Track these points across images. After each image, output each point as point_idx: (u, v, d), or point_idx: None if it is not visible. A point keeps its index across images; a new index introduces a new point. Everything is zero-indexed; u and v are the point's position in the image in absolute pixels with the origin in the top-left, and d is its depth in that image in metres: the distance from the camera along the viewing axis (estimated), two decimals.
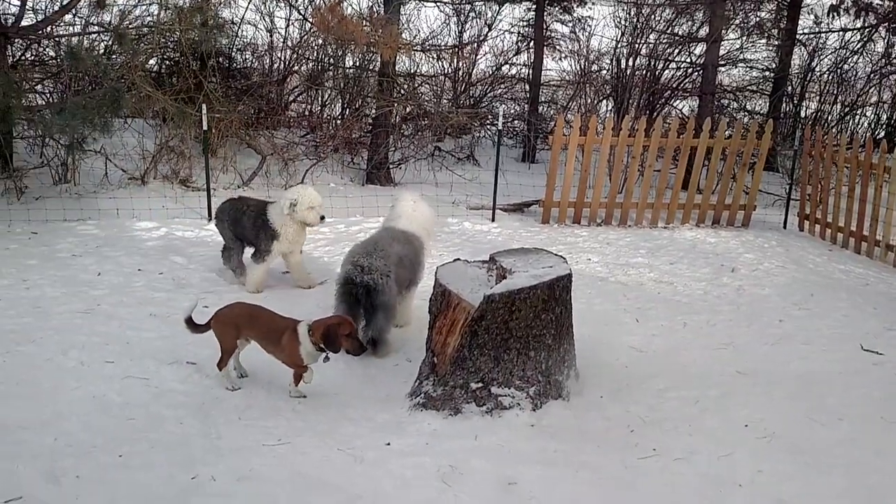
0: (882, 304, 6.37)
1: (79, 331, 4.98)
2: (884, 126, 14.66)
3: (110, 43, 9.73)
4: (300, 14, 11.88)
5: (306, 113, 12.90)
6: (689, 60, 13.16)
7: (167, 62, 11.46)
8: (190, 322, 4.27)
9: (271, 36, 12.61)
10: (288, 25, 12.47)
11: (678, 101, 14.18)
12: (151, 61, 10.92)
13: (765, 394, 4.48)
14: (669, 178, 9.32)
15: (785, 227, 9.36)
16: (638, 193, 9.04)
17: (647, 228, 8.94)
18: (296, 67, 12.68)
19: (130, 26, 9.52)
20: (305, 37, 12.25)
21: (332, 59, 12.45)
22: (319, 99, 12.98)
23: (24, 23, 8.62)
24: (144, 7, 10.14)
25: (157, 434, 3.72)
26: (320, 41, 12.08)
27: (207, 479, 3.33)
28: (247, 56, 12.75)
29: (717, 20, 11.50)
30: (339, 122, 12.26)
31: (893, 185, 7.80)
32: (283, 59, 12.62)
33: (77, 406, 3.96)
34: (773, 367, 4.95)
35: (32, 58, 9.78)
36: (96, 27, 9.62)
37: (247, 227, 6.06)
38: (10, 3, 8.90)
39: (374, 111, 11.32)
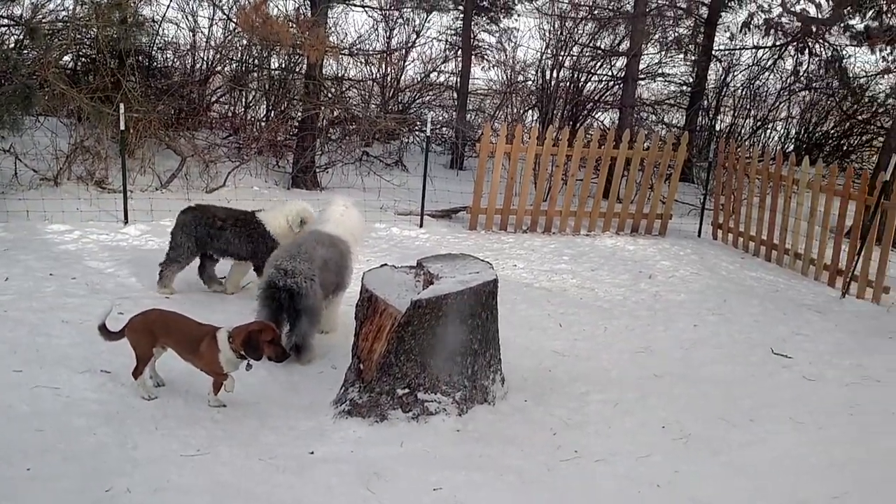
0: (791, 309, 6.69)
1: None
2: (793, 140, 15.47)
3: (21, 37, 9.26)
4: (224, 14, 11.63)
5: (229, 114, 12.61)
6: (610, 73, 13.54)
7: (83, 59, 10.99)
8: (104, 329, 4.10)
9: (194, 35, 12.28)
10: (211, 25, 12.18)
11: (600, 113, 14.55)
12: (66, 58, 10.46)
13: (681, 396, 4.64)
14: (591, 188, 9.55)
15: (699, 236, 9.72)
16: (562, 202, 9.23)
17: (570, 235, 9.14)
18: (219, 68, 12.39)
19: (44, 21, 9.09)
20: (229, 37, 11.99)
21: (256, 60, 12.23)
22: (243, 100, 12.72)
23: None
24: (59, 2, 9.72)
25: (68, 445, 3.55)
26: (245, 41, 11.85)
27: (122, 492, 3.21)
28: (168, 55, 12.38)
29: (637, 35, 11.87)
30: (263, 124, 12.04)
31: (801, 196, 8.22)
32: (205, 58, 12.30)
33: None
34: (689, 370, 5.14)
35: None
36: (6, 20, 9.15)
37: (233, 241, 5.81)
38: None
39: (300, 114, 11.17)
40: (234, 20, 10.88)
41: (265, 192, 9.95)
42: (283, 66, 12.18)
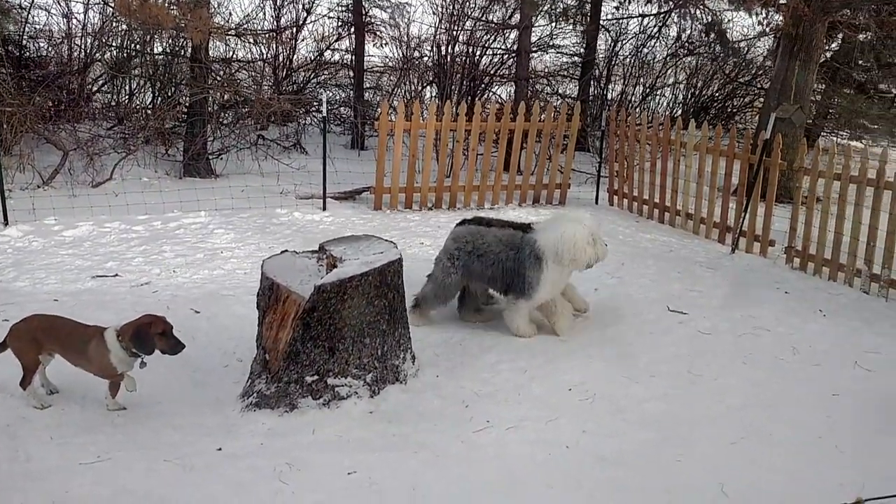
0: (684, 268, 7.00)
1: None
2: (680, 104, 16.10)
3: None
4: None
5: (112, 103, 11.98)
6: (504, 47, 13.64)
7: None
8: None
9: (68, 22, 11.56)
10: (87, 10, 11.48)
11: (497, 87, 14.68)
12: None
13: (584, 358, 4.79)
14: (493, 162, 9.65)
15: (597, 203, 10.00)
16: (464, 177, 9.28)
17: (475, 210, 9.21)
18: (98, 55, 11.72)
19: None
20: (107, 22, 11.34)
21: (138, 46, 11.64)
22: (127, 88, 12.10)
23: None
24: None
25: None
26: (124, 27, 11.24)
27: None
28: (41, 44, 11.62)
29: (527, 7, 11.98)
30: (149, 111, 11.50)
31: (690, 158, 8.58)
32: (82, 46, 11.60)
33: None
34: (590, 332, 5.30)
35: None
36: None
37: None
38: None
39: (187, 99, 10.72)
40: (111, 4, 10.29)
41: (155, 182, 9.54)
42: (167, 50, 11.65)
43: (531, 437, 3.78)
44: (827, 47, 12.38)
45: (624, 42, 15.38)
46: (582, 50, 14.64)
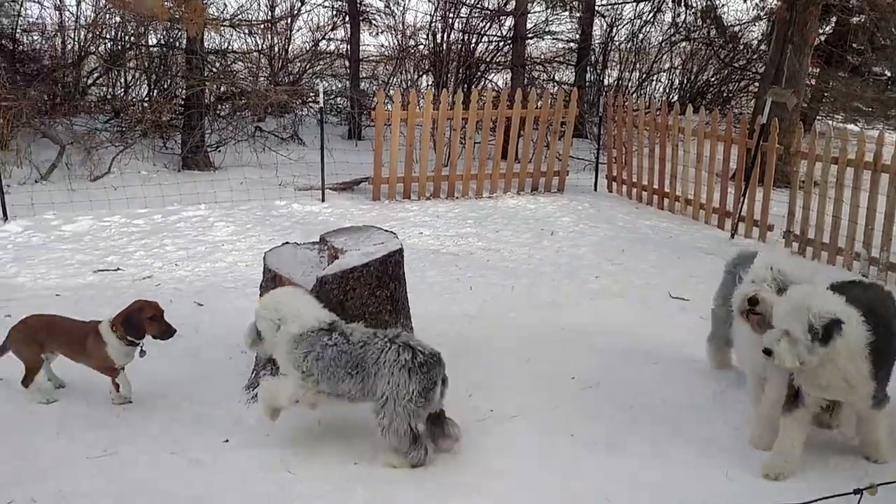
0: (685, 253, 7.02)
1: None
2: (677, 90, 16.07)
3: None
4: None
5: (108, 97, 11.93)
6: (500, 34, 13.60)
7: None
8: None
9: (61, 14, 11.50)
10: (80, 3, 11.42)
11: (493, 74, 14.65)
12: None
13: (587, 346, 4.82)
14: (490, 150, 9.64)
15: (596, 190, 10.01)
16: (462, 166, 9.28)
17: (473, 199, 9.22)
18: (93, 48, 11.67)
19: None
20: (101, 14, 11.28)
21: (133, 38, 11.58)
22: (122, 81, 12.05)
23: None
24: None
25: None
26: (118, 19, 11.18)
27: (27, 502, 3.05)
28: (34, 37, 11.56)
29: None
30: (146, 104, 11.45)
31: (688, 143, 8.58)
32: (76, 39, 11.56)
33: None
34: (594, 319, 5.32)
35: None
36: None
37: None
38: None
39: (184, 91, 10.68)
40: None
41: (154, 175, 9.53)
42: (162, 41, 11.59)
43: (535, 426, 3.81)
44: (821, 30, 12.36)
45: (619, 27, 15.36)
46: (578, 36, 14.59)
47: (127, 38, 11.64)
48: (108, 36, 11.67)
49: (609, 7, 15.14)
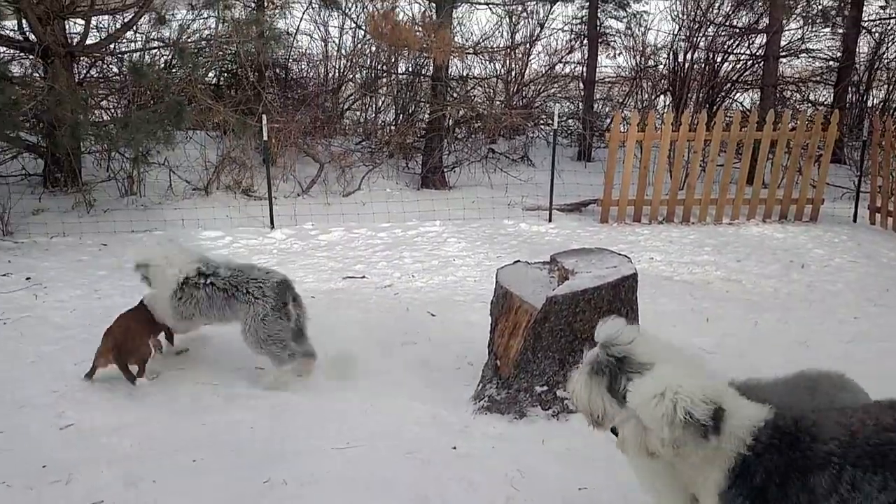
0: None
1: None
2: None
3: (171, 57, 10.00)
4: (354, 22, 12.00)
5: (361, 120, 13.00)
6: (749, 52, 12.80)
7: (226, 74, 11.72)
8: None
9: (326, 45, 12.76)
10: (342, 34, 12.61)
11: (739, 94, 13.81)
12: (210, 74, 11.17)
13: None
14: (733, 173, 9.07)
15: (855, 221, 9.01)
16: (701, 189, 8.83)
17: (712, 225, 8.72)
18: (350, 75, 12.81)
19: (189, 40, 9.77)
20: (359, 45, 12.36)
21: (385, 66, 12.53)
22: (373, 106, 13.07)
23: (88, 41, 8.94)
24: (202, 21, 10.40)
25: (229, 438, 3.78)
26: (373, 48, 12.18)
27: (279, 483, 3.37)
28: (302, 66, 12.92)
29: (777, 10, 11.16)
30: (393, 127, 12.33)
31: None
32: (337, 67, 12.76)
33: (155, 411, 4.05)
34: (852, 365, 4.69)
35: (97, 75, 10.12)
36: (157, 42, 9.91)
37: None
38: (75, 23, 9.22)
39: (427, 116, 11.35)
40: (364, 28, 11.20)
41: (396, 193, 10.20)
42: (410, 69, 12.41)
43: None
44: None
45: (889, 44, 13.72)
46: (839, 53, 13.29)
47: (380, 66, 12.62)
48: (363, 64, 12.74)
49: (878, 22, 13.62)
